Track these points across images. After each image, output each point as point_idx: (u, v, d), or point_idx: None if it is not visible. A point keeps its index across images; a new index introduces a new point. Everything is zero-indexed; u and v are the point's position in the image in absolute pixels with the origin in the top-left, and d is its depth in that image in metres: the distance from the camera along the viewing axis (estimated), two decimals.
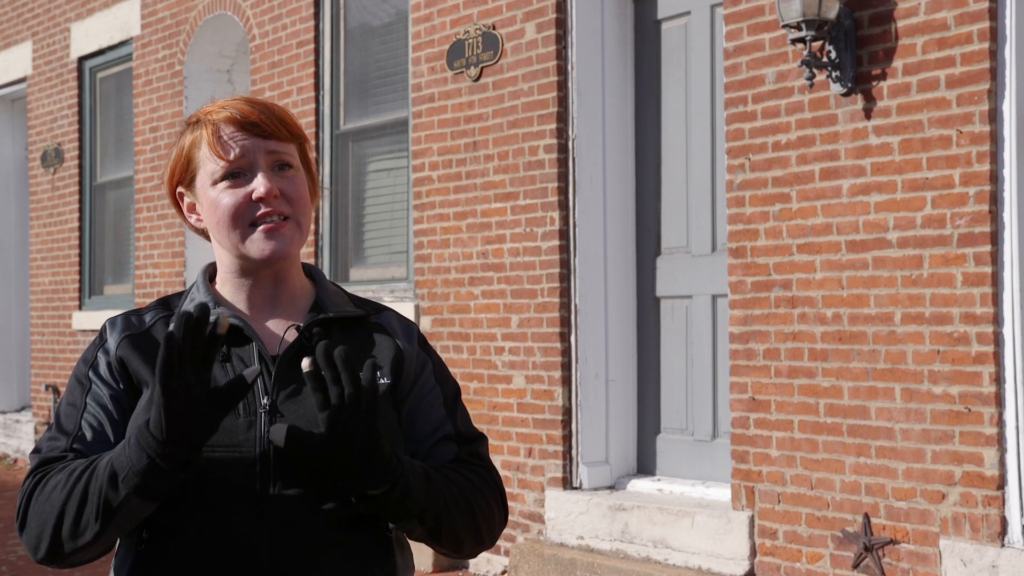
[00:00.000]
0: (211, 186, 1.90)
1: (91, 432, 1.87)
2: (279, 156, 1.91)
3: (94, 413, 1.88)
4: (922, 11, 4.78)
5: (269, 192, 1.88)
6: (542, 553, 5.91)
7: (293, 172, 1.93)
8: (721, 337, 5.76)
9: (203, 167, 1.91)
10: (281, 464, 1.83)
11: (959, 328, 4.67)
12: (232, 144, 1.89)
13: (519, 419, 6.27)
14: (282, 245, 1.90)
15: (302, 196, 1.93)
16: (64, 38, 10.19)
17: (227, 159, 1.88)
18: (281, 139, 1.91)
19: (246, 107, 1.91)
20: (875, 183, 4.92)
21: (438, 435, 1.99)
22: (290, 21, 7.79)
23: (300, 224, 1.92)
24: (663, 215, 6.10)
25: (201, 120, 1.93)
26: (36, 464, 1.87)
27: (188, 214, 1.98)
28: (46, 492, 1.80)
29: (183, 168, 1.94)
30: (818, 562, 5.09)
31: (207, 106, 1.96)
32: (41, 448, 1.89)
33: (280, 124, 1.91)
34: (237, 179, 1.89)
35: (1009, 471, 4.58)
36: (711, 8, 5.87)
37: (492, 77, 6.42)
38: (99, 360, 1.92)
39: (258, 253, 1.90)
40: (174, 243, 8.80)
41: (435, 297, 6.69)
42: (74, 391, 1.92)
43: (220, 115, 1.90)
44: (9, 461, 10.91)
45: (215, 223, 1.91)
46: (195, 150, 1.92)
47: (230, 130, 1.89)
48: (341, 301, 2.00)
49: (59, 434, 1.88)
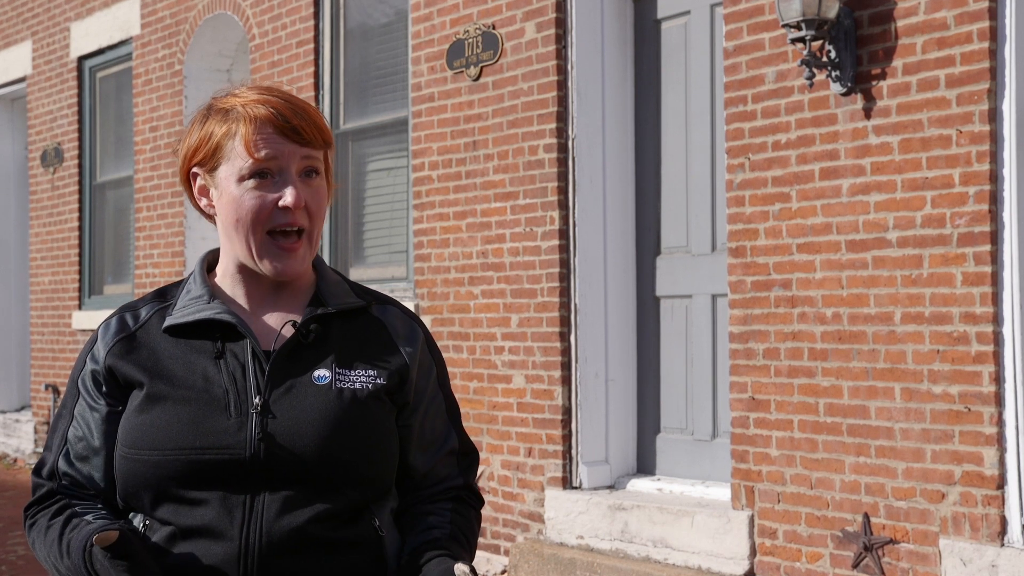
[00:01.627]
0: (236, 181, 1.87)
1: (78, 443, 1.92)
2: (310, 163, 1.89)
3: (79, 424, 1.93)
4: (922, 10, 4.78)
5: (297, 203, 1.85)
6: (542, 553, 5.91)
7: (319, 180, 1.91)
8: (721, 337, 5.76)
9: (231, 160, 1.87)
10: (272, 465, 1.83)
11: (959, 328, 4.67)
12: (270, 146, 1.85)
13: (519, 419, 6.27)
14: (293, 266, 1.90)
15: (322, 207, 1.91)
16: (64, 38, 10.19)
17: (263, 161, 1.85)
18: (315, 147, 1.89)
19: (288, 109, 1.87)
20: (875, 183, 4.91)
21: (445, 449, 1.99)
22: (290, 21, 7.79)
23: (312, 238, 1.91)
24: (663, 215, 6.10)
25: (238, 111, 1.87)
26: (33, 489, 1.96)
27: (198, 196, 1.94)
28: (37, 545, 1.91)
29: (208, 153, 1.89)
30: (818, 562, 5.09)
31: (242, 92, 1.90)
32: (39, 467, 1.96)
33: (317, 132, 1.89)
34: (264, 179, 1.86)
35: (1009, 471, 4.58)
36: (711, 8, 5.87)
37: (492, 77, 6.42)
38: (86, 369, 1.94)
39: (269, 270, 1.90)
40: (174, 243, 8.80)
41: (435, 297, 6.69)
42: (68, 394, 1.96)
43: (260, 111, 1.86)
44: (9, 461, 10.91)
45: (233, 220, 1.88)
46: (227, 140, 1.87)
47: (269, 131, 1.85)
48: (342, 292, 1.98)
49: (46, 453, 1.95)
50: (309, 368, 1.89)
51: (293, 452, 1.83)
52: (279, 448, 1.83)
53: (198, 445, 1.82)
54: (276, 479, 1.82)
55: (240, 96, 1.90)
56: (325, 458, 1.83)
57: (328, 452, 1.83)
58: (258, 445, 1.82)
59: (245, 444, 1.83)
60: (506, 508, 6.32)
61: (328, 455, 1.83)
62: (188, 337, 1.89)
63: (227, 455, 1.82)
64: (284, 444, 1.83)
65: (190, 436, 1.82)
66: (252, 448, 1.82)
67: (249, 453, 1.82)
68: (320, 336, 1.92)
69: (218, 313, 1.90)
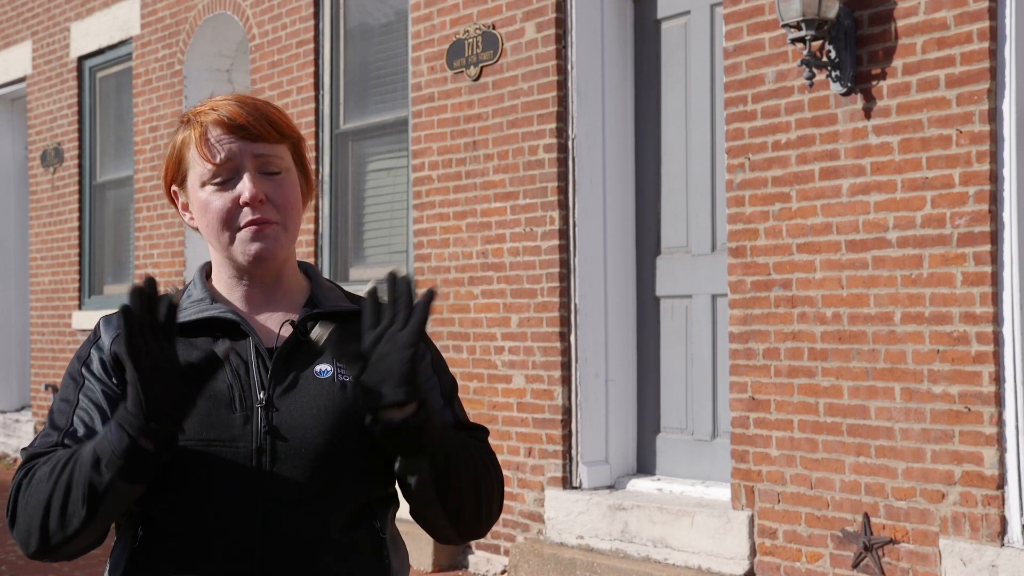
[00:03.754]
0: (200, 188, 1.91)
1: (83, 427, 1.87)
2: (266, 159, 1.90)
3: (86, 408, 1.88)
4: (922, 10, 4.78)
5: (254, 197, 1.87)
6: (542, 553, 5.91)
7: (282, 176, 1.91)
8: (721, 337, 5.76)
9: (192, 168, 1.91)
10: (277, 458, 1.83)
11: (959, 328, 4.67)
12: (219, 147, 1.88)
13: (519, 419, 6.27)
14: (267, 245, 1.90)
15: (289, 200, 1.92)
16: (64, 38, 10.19)
17: (213, 162, 1.88)
18: (270, 141, 1.90)
19: (235, 108, 1.90)
20: (875, 183, 4.91)
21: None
22: (290, 20, 7.79)
23: (287, 227, 1.92)
24: (663, 215, 6.10)
25: (191, 120, 1.92)
26: (25, 459, 1.87)
27: (182, 212, 1.99)
28: (33, 485, 1.80)
29: (175, 167, 1.95)
30: (818, 562, 5.09)
31: (200, 104, 1.95)
32: (34, 443, 1.89)
33: (269, 126, 1.90)
34: (225, 182, 1.89)
35: (1009, 470, 4.58)
36: (711, 7, 5.87)
37: (492, 77, 6.42)
38: (92, 357, 1.92)
39: (243, 257, 1.90)
40: (174, 243, 8.80)
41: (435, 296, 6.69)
42: (67, 387, 1.92)
43: (209, 117, 1.90)
44: (9, 461, 10.91)
45: (205, 225, 1.92)
46: (185, 150, 1.92)
47: (217, 132, 1.89)
48: (336, 297, 2.00)
49: (51, 430, 1.88)
50: (310, 363, 1.90)
51: (299, 445, 1.84)
52: (284, 440, 1.84)
53: (204, 437, 1.82)
54: (281, 473, 1.83)
55: (198, 106, 1.95)
56: (330, 449, 1.84)
57: (333, 443, 1.85)
58: (264, 438, 1.84)
59: (251, 437, 1.84)
60: (506, 508, 6.32)
61: (333, 446, 1.85)
62: (191, 336, 1.90)
63: (233, 447, 1.83)
64: (289, 436, 1.84)
65: (196, 428, 1.82)
66: (258, 441, 1.83)
67: (255, 446, 1.83)
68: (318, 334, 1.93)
69: (222, 312, 1.92)
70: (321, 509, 1.84)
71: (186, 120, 1.94)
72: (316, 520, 1.84)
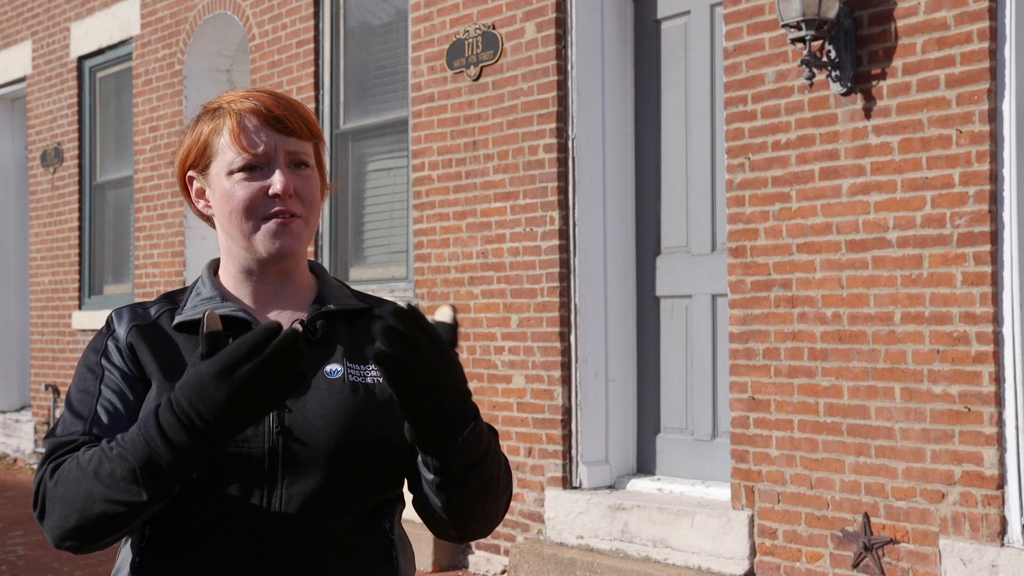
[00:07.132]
0: (226, 175, 1.90)
1: (107, 416, 1.84)
2: (298, 155, 1.91)
3: (109, 399, 1.86)
4: (922, 10, 4.78)
5: (286, 190, 1.88)
6: (542, 553, 5.91)
7: (309, 171, 1.93)
8: (721, 337, 5.76)
9: (221, 155, 1.90)
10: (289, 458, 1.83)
11: (959, 328, 4.67)
12: (255, 137, 1.89)
13: (519, 419, 6.27)
14: (290, 241, 1.90)
15: (314, 196, 1.93)
16: (64, 38, 10.19)
17: (249, 151, 1.88)
18: (302, 137, 1.92)
19: (271, 101, 1.91)
20: (875, 183, 4.92)
21: None
22: (290, 20, 7.79)
23: (308, 223, 1.93)
24: (663, 215, 6.10)
25: (224, 108, 1.92)
26: (51, 448, 1.84)
27: (196, 199, 1.97)
28: (70, 476, 1.76)
29: (199, 153, 1.93)
30: (818, 562, 5.09)
31: (229, 93, 1.95)
32: (56, 431, 1.85)
33: (302, 122, 1.92)
34: (254, 172, 1.89)
35: (1009, 470, 4.58)
36: (711, 7, 5.87)
37: (492, 77, 6.42)
38: (109, 347, 1.91)
39: (265, 250, 1.90)
40: (174, 243, 8.80)
41: (435, 297, 6.69)
42: (86, 378, 1.89)
43: (244, 105, 1.90)
44: (9, 461, 10.91)
45: (227, 213, 1.91)
46: (215, 137, 1.91)
47: (254, 122, 1.89)
48: (343, 295, 2.01)
49: (74, 419, 1.85)
50: (321, 363, 1.90)
51: (311, 444, 1.84)
52: (297, 441, 1.84)
53: None
54: (293, 474, 1.83)
55: (227, 96, 1.95)
56: (341, 450, 1.84)
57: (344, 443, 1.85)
58: (276, 438, 1.83)
59: (263, 437, 1.83)
60: None
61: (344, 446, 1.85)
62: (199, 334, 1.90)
63: (244, 448, 1.82)
64: (302, 437, 1.84)
65: None
66: (271, 441, 1.83)
67: (268, 446, 1.83)
68: (327, 333, 1.94)
69: (233, 311, 1.91)
70: (332, 510, 1.84)
71: (215, 107, 1.93)
72: (327, 521, 1.83)
